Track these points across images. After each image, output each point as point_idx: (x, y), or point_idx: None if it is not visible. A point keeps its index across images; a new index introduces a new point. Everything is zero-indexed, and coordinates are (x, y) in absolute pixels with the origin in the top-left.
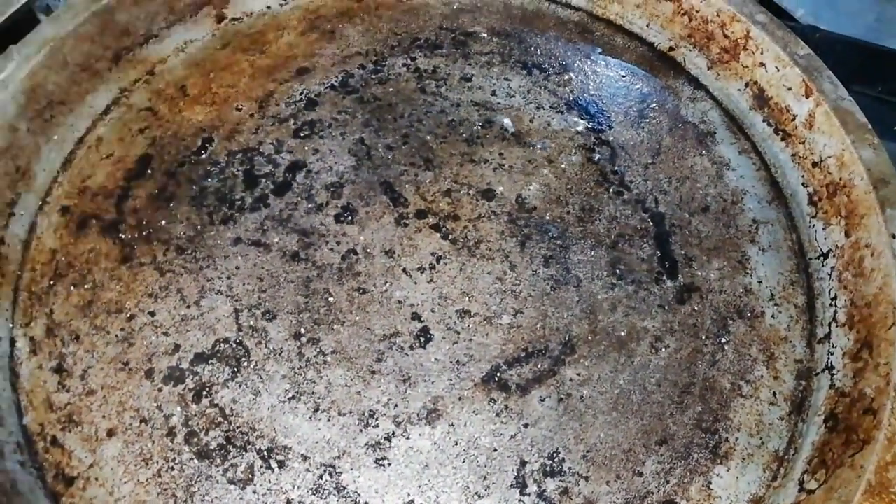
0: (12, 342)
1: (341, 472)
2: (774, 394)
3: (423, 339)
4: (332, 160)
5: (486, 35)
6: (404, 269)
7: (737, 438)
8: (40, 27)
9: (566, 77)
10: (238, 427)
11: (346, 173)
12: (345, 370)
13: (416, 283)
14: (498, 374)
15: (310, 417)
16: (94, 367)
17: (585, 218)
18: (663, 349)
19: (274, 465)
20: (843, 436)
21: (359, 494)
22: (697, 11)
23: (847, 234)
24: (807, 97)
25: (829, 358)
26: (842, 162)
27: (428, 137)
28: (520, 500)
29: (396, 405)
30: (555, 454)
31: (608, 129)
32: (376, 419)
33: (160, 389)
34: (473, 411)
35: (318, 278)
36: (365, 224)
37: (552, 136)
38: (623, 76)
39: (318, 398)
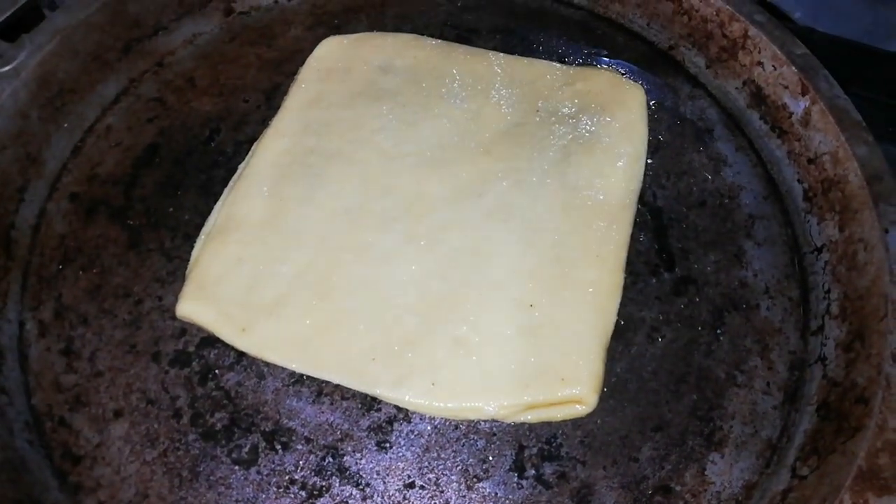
0: (21, 325)
1: (344, 455)
2: (768, 383)
3: None
4: None
5: (489, 32)
6: None
7: (731, 426)
8: (52, 16)
9: None
10: (243, 409)
11: None
12: None
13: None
14: None
15: (313, 401)
16: (102, 349)
17: None
18: (660, 339)
19: (278, 446)
20: (834, 424)
21: (361, 476)
22: (697, 11)
23: (841, 229)
24: (803, 95)
25: (822, 349)
26: (836, 158)
27: None
28: (518, 483)
29: None
30: (552, 439)
31: None
32: (378, 403)
33: (167, 372)
34: None
35: None
36: None
37: None
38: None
39: (322, 382)
